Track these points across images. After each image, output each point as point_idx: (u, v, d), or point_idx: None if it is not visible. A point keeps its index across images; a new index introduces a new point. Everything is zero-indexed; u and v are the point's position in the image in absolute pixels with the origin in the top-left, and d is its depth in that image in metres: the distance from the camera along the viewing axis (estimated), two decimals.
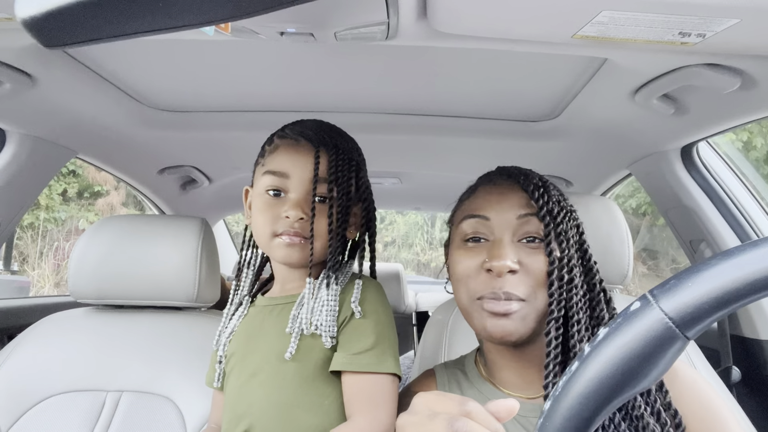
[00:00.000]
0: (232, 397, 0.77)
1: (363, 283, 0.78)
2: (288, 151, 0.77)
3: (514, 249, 0.63)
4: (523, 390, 0.68)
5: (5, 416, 0.94)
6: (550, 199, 0.65)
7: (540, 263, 0.63)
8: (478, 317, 0.65)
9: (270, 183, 0.77)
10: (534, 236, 0.65)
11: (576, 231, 0.67)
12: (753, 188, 1.23)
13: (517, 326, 0.62)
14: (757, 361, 1.15)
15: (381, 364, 0.72)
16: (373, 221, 0.85)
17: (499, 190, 0.68)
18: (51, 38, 0.48)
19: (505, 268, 0.62)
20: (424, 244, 13.73)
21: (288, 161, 0.77)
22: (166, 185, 1.75)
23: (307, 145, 0.77)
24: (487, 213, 0.66)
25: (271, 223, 0.76)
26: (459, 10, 0.62)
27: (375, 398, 0.71)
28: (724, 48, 0.68)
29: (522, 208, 0.65)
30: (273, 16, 0.54)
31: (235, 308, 0.84)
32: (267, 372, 0.74)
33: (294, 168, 0.76)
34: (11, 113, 1.07)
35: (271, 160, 0.78)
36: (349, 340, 0.74)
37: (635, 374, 0.29)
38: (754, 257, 0.28)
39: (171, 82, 1.11)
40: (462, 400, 0.40)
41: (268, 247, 0.78)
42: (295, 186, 0.76)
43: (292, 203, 0.75)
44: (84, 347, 1.02)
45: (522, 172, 0.70)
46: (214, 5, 0.47)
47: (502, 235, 0.65)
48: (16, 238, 6.42)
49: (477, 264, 0.65)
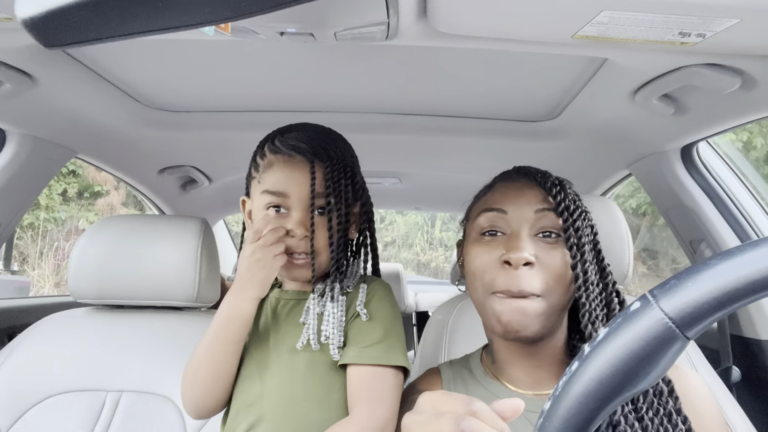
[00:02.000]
0: (241, 385, 0.78)
1: (369, 286, 0.80)
2: (283, 169, 0.77)
3: (531, 242, 0.64)
4: (531, 387, 0.68)
5: (5, 416, 0.94)
6: (566, 196, 0.66)
7: (556, 259, 0.63)
8: (493, 313, 0.65)
9: (270, 201, 0.78)
10: (551, 231, 0.65)
11: (591, 231, 0.68)
12: (753, 188, 1.22)
13: (532, 322, 0.63)
14: (757, 361, 1.15)
15: (390, 357, 0.74)
16: (371, 218, 0.86)
17: (517, 186, 0.69)
18: (51, 38, 0.48)
19: (522, 260, 0.62)
20: (424, 244, 13.74)
21: (285, 180, 0.77)
22: (166, 185, 1.75)
23: (302, 160, 0.77)
24: (504, 206, 0.67)
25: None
26: (459, 10, 0.62)
27: (376, 392, 0.72)
28: (724, 48, 0.68)
29: (539, 203, 0.66)
30: (273, 16, 0.54)
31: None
32: (278, 364, 0.76)
33: (292, 187, 0.76)
34: (11, 113, 1.07)
35: (267, 177, 0.78)
36: (357, 335, 0.75)
37: (635, 374, 0.29)
38: (754, 257, 0.28)
39: (171, 82, 1.11)
40: (468, 400, 0.40)
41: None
42: (295, 204, 0.77)
43: (295, 222, 0.76)
44: (84, 347, 1.02)
45: (539, 171, 0.71)
46: (214, 5, 0.47)
47: (519, 228, 0.65)
48: (16, 238, 6.42)
49: (494, 258, 0.65)
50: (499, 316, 0.64)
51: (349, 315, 0.77)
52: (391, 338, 0.76)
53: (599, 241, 0.68)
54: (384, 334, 0.75)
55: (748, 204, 1.20)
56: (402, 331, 0.79)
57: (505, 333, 0.65)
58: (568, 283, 0.64)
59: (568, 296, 0.65)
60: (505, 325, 0.64)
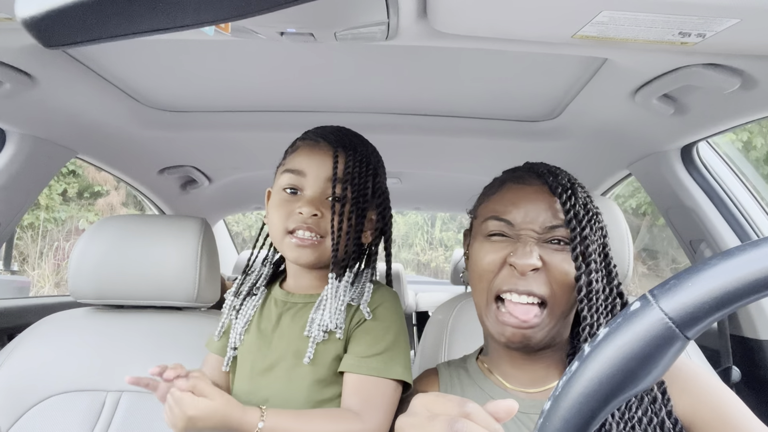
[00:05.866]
0: (245, 386, 0.78)
1: (375, 287, 0.81)
2: (306, 151, 0.80)
3: (538, 248, 0.64)
4: (524, 385, 0.68)
5: (5, 416, 0.94)
6: (577, 202, 0.65)
7: (563, 264, 0.63)
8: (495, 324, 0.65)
9: (287, 181, 0.79)
10: (559, 239, 0.65)
11: (600, 234, 0.67)
12: (753, 188, 1.22)
13: (535, 334, 0.63)
14: (757, 361, 1.15)
15: (389, 369, 0.72)
16: (389, 226, 0.86)
17: (527, 193, 0.67)
18: (51, 38, 0.48)
19: (529, 267, 0.62)
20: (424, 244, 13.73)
21: (306, 160, 0.79)
22: (166, 185, 1.75)
23: (326, 145, 0.79)
24: (512, 218, 0.66)
25: (285, 219, 0.77)
26: (459, 10, 0.62)
27: (371, 401, 0.71)
28: (724, 48, 0.68)
29: (549, 219, 0.65)
30: (273, 16, 0.53)
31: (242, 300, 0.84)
32: (283, 368, 0.76)
33: (311, 166, 0.78)
34: (11, 113, 1.07)
35: (291, 159, 0.81)
36: (359, 343, 0.75)
37: (635, 374, 0.29)
38: (754, 257, 0.28)
39: (171, 82, 1.11)
40: (461, 401, 0.40)
41: (281, 245, 0.80)
42: (310, 184, 0.78)
43: (306, 200, 0.77)
44: (84, 347, 1.02)
45: (551, 171, 0.70)
46: (214, 5, 0.46)
47: (527, 237, 0.65)
48: (16, 238, 6.42)
49: (500, 258, 0.65)
50: (501, 329, 0.64)
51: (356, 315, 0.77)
52: (394, 350, 0.75)
53: (608, 244, 0.68)
54: (387, 345, 0.74)
55: (748, 204, 1.19)
56: (407, 343, 0.78)
57: (507, 344, 0.65)
58: (572, 289, 0.63)
59: (572, 303, 0.64)
60: (508, 338, 0.63)
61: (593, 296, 0.62)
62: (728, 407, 0.59)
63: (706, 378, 0.63)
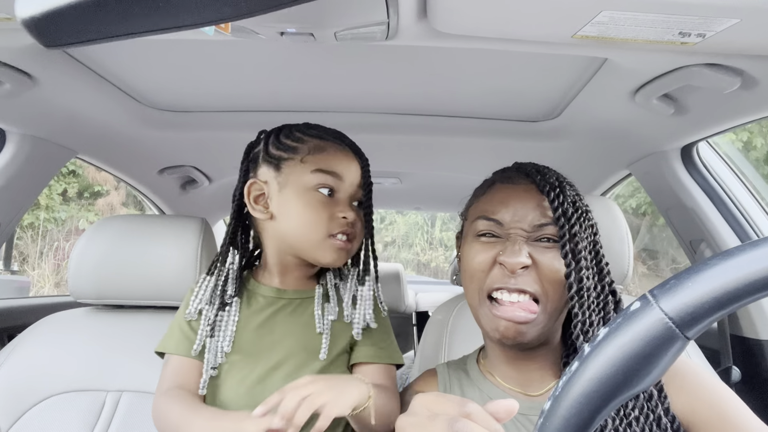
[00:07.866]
0: (246, 391, 0.75)
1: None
2: (337, 155, 0.79)
3: (527, 246, 0.64)
4: (523, 386, 0.68)
5: (5, 416, 0.94)
6: (565, 200, 0.65)
7: (553, 262, 0.63)
8: (488, 321, 0.65)
9: (323, 181, 0.77)
10: (548, 237, 0.65)
11: (590, 231, 0.67)
12: (753, 188, 1.22)
13: (528, 330, 0.63)
14: (757, 361, 1.15)
15: (394, 356, 0.82)
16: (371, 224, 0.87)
17: (516, 192, 0.68)
18: (51, 38, 0.48)
19: (518, 265, 0.62)
20: (424, 244, 13.73)
21: (341, 163, 0.79)
22: (166, 185, 1.75)
23: (350, 151, 0.81)
24: (501, 218, 0.66)
25: (327, 221, 0.76)
26: (459, 10, 0.62)
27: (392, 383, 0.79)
28: (724, 48, 0.68)
29: (538, 218, 0.65)
30: (273, 16, 0.54)
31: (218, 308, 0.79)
32: (293, 364, 0.76)
33: (348, 171, 0.79)
34: (11, 113, 1.07)
35: (319, 159, 0.78)
36: (371, 335, 0.81)
37: (635, 374, 0.29)
38: (754, 257, 0.28)
39: (171, 82, 1.11)
40: (461, 401, 0.40)
41: (317, 247, 0.77)
42: (346, 188, 0.79)
43: (346, 204, 0.78)
44: (84, 347, 1.02)
45: (539, 170, 0.70)
46: (214, 5, 0.47)
47: (516, 236, 0.65)
48: (16, 238, 6.42)
49: (490, 257, 0.66)
50: (495, 324, 0.64)
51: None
52: (392, 339, 0.85)
53: (599, 241, 0.68)
54: (389, 335, 0.84)
55: (748, 204, 1.19)
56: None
57: (501, 340, 0.65)
58: (563, 287, 0.64)
59: (564, 300, 0.65)
60: (502, 333, 0.64)
61: (584, 293, 0.62)
62: (727, 405, 0.59)
63: (705, 376, 0.63)
